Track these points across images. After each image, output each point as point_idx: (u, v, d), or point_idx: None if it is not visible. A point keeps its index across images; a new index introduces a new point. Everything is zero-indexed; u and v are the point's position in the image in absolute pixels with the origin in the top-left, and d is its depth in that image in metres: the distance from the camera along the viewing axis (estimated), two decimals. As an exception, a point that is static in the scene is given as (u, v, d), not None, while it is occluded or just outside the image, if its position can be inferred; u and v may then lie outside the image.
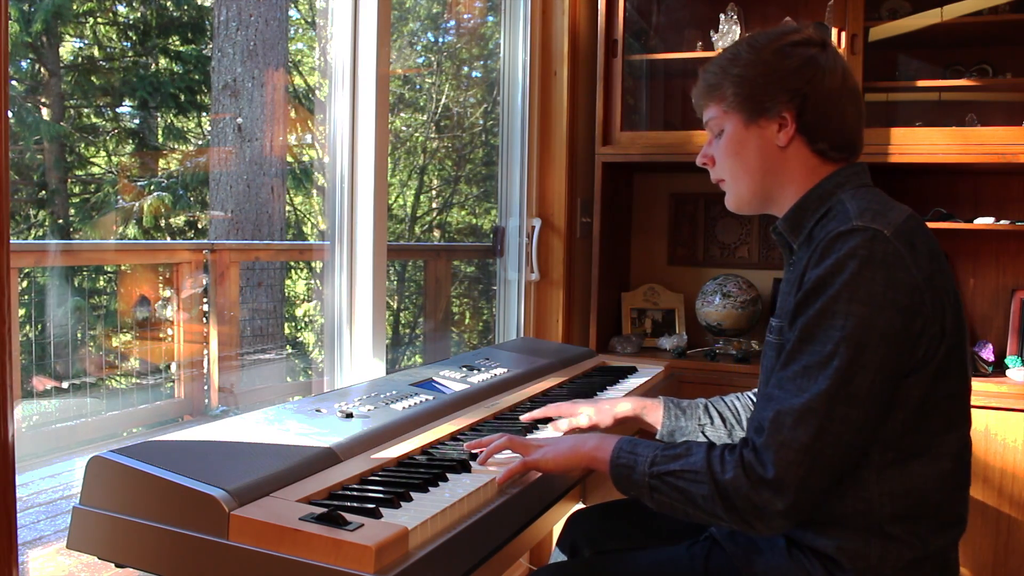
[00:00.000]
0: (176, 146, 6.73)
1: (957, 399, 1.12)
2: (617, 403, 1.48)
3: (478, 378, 1.68)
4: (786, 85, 1.19)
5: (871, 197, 1.15)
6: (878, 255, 1.04)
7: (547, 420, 1.48)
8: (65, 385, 3.72)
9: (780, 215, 1.26)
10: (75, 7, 6.19)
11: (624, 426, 1.50)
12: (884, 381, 1.04)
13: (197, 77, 6.45)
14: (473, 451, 1.26)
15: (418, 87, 7.65)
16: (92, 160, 6.55)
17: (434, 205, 8.20)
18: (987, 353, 2.38)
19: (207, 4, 6.52)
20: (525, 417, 1.48)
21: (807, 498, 1.03)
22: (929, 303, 1.05)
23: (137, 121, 6.62)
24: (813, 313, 1.06)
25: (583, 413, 1.45)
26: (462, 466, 1.19)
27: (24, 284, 3.77)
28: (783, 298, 1.22)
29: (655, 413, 1.48)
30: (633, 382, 1.94)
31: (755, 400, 1.51)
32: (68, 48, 6.42)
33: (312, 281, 7.09)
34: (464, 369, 1.73)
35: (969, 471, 1.16)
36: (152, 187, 5.97)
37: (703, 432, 1.47)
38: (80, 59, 6.42)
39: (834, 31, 2.34)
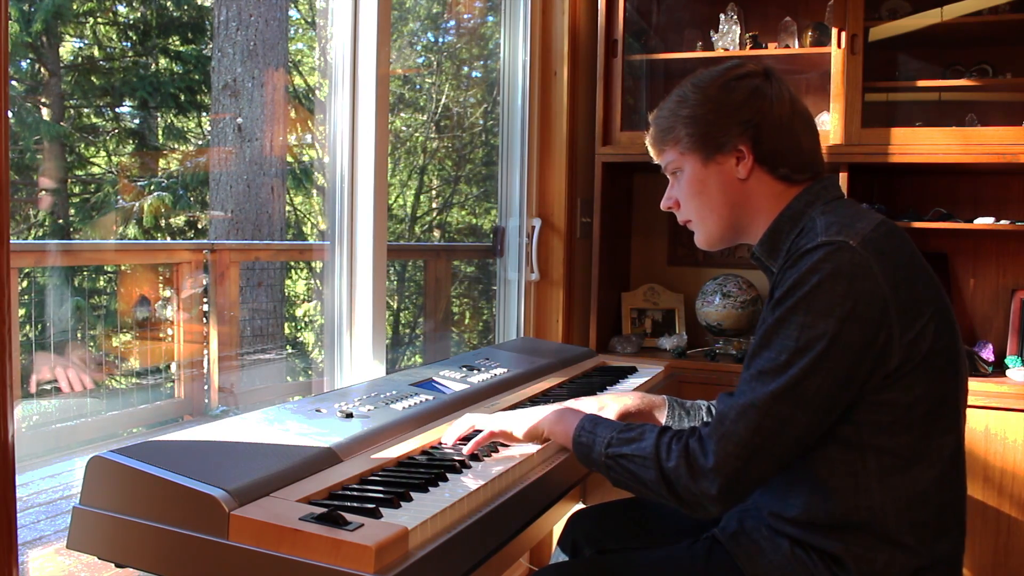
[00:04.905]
0: (176, 146, 6.72)
1: (950, 402, 1.13)
2: (622, 398, 1.49)
3: (478, 378, 1.68)
4: (737, 117, 1.20)
5: (841, 211, 1.16)
6: (843, 267, 1.05)
7: None
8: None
9: (754, 243, 1.27)
10: (75, 7, 6.18)
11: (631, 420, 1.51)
12: (835, 387, 1.06)
13: (197, 77, 6.44)
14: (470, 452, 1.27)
15: (418, 87, 7.64)
16: (92, 160, 6.55)
17: (434, 205, 8.20)
18: (987, 353, 2.38)
19: (207, 4, 6.52)
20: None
21: (742, 487, 1.08)
22: (897, 312, 1.06)
23: (137, 121, 6.61)
24: (772, 322, 1.09)
25: None
26: (462, 466, 1.19)
27: (24, 284, 3.77)
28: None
29: (659, 413, 1.49)
30: (633, 382, 1.94)
31: None
32: (68, 48, 6.41)
33: (312, 281, 7.09)
34: (464, 369, 1.73)
35: (965, 474, 1.17)
36: (152, 187, 5.96)
37: None
38: (80, 59, 6.41)
39: (834, 31, 2.34)
